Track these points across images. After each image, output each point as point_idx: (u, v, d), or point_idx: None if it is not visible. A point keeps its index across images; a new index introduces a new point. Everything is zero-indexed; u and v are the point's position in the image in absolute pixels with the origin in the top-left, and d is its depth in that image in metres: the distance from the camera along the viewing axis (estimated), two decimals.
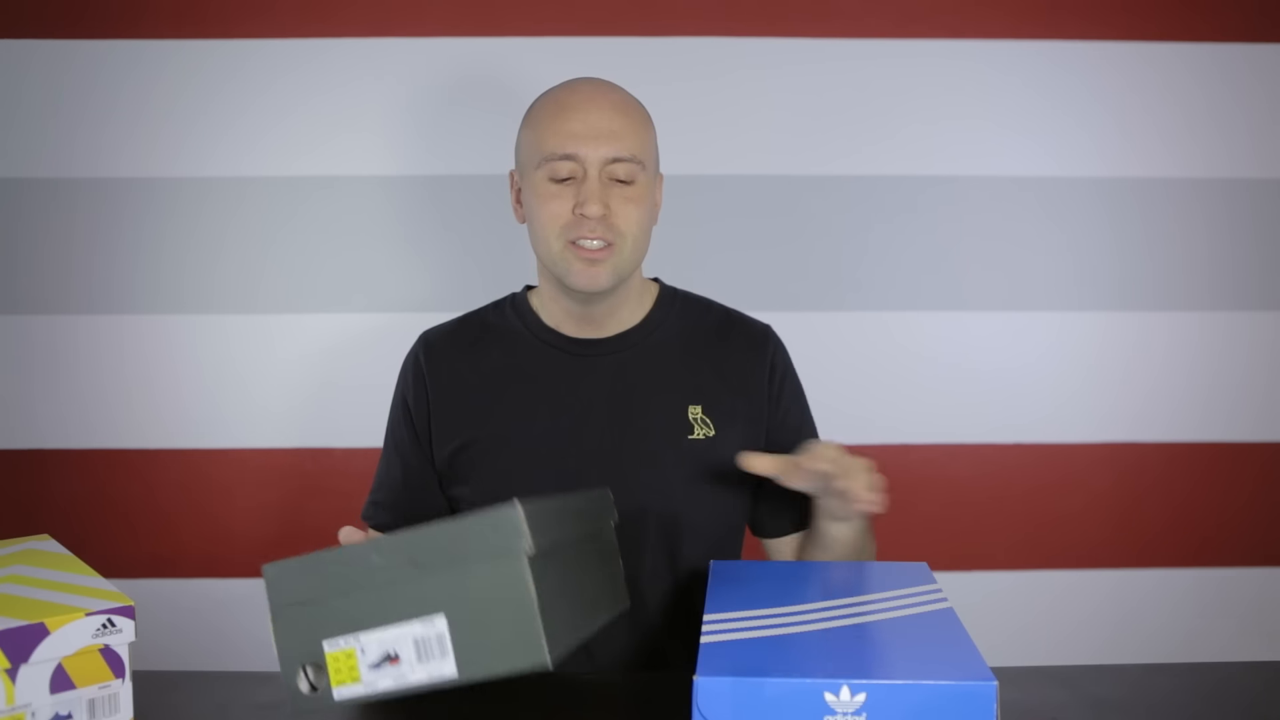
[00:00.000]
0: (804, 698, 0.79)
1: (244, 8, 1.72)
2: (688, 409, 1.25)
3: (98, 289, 1.74)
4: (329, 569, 0.88)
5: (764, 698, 0.80)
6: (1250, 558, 1.81)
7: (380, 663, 0.86)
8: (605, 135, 1.18)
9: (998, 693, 0.80)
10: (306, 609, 0.88)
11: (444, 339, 1.32)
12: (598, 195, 1.17)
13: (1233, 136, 1.77)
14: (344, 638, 0.87)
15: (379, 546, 0.87)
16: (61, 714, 0.86)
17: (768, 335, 1.32)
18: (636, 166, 1.20)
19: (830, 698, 0.79)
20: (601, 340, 1.28)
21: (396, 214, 1.76)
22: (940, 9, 1.76)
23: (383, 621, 0.86)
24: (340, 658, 0.87)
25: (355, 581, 0.87)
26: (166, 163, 1.73)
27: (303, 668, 0.87)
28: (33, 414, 1.74)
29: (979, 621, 1.79)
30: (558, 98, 1.22)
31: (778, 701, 0.79)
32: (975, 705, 0.80)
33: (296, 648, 0.88)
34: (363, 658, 0.86)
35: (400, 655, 0.86)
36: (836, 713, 0.79)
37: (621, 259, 1.20)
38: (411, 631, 0.85)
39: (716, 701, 0.80)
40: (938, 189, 1.77)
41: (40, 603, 0.88)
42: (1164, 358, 1.79)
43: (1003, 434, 1.79)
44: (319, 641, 0.87)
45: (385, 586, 0.86)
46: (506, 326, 1.31)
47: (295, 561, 0.89)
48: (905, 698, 0.79)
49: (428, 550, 0.86)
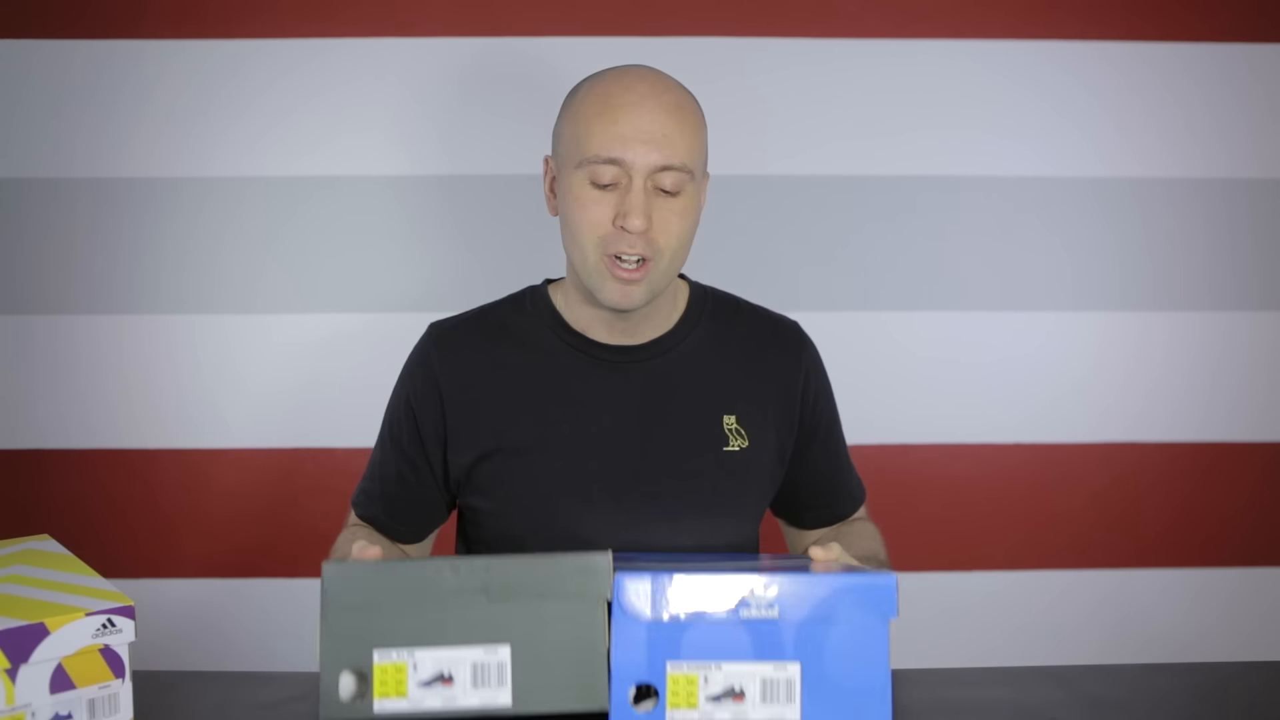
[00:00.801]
0: (721, 590, 0.87)
1: (244, 8, 1.72)
2: (722, 419, 1.22)
3: (98, 289, 1.74)
4: (397, 579, 0.86)
5: (682, 590, 0.87)
6: (1250, 558, 1.81)
7: (432, 681, 0.85)
8: (655, 141, 1.10)
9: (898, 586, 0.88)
10: (362, 615, 0.85)
11: (458, 335, 1.24)
12: (641, 208, 1.10)
13: (1232, 136, 1.77)
14: (398, 650, 0.85)
15: (455, 566, 0.86)
16: (61, 714, 0.86)
17: (800, 337, 1.30)
18: (685, 176, 1.12)
19: (744, 591, 0.87)
20: (634, 348, 1.22)
21: (397, 214, 1.76)
22: (940, 9, 1.76)
23: (443, 642, 0.85)
24: (389, 670, 0.85)
25: (421, 597, 0.85)
26: (167, 163, 1.73)
27: (347, 674, 0.85)
28: (33, 414, 1.74)
29: (979, 621, 1.81)
30: (607, 92, 1.13)
31: (695, 594, 0.87)
32: (878, 595, 0.88)
33: (343, 653, 0.85)
34: (414, 674, 0.85)
35: (455, 677, 0.84)
36: (751, 605, 0.87)
37: (657, 276, 1.14)
38: (472, 656, 0.84)
39: (636, 595, 0.87)
40: (938, 189, 1.77)
41: (40, 603, 0.88)
42: (1164, 358, 1.79)
43: (1002, 434, 1.79)
44: (370, 650, 0.85)
45: (452, 607, 0.85)
46: (528, 326, 1.24)
47: (360, 565, 0.88)
48: (814, 589, 0.88)
49: (508, 579, 0.85)
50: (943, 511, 1.79)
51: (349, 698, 0.84)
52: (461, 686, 0.84)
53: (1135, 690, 1.06)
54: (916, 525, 1.78)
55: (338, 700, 0.84)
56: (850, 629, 0.88)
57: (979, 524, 1.80)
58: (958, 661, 1.19)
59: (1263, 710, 1.02)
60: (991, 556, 1.80)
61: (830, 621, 0.87)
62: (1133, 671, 1.13)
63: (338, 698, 0.84)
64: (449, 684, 0.84)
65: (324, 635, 0.86)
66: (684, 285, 1.29)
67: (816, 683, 0.87)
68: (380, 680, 0.84)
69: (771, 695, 0.87)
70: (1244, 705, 1.03)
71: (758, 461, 1.23)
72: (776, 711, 0.86)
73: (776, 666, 0.87)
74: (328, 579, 0.86)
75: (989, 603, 1.80)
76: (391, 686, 0.84)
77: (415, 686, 0.84)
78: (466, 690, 0.84)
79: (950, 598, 1.79)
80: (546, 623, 0.85)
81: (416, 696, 0.84)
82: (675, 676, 0.86)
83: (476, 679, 0.84)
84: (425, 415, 1.23)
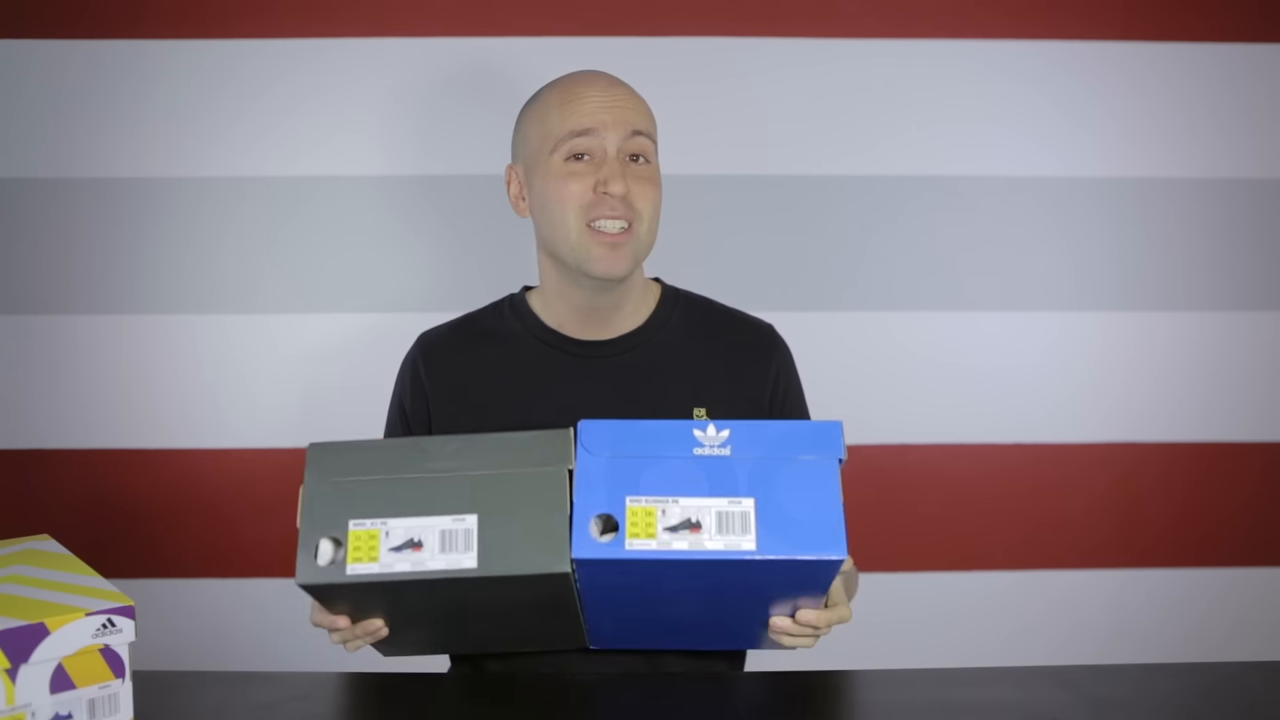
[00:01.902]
0: (675, 432, 0.95)
1: (244, 8, 1.72)
2: (693, 411, 1.24)
3: (98, 289, 1.74)
4: (375, 453, 0.93)
5: (639, 433, 0.95)
6: (1250, 558, 1.81)
7: (402, 547, 0.89)
8: (620, 109, 1.20)
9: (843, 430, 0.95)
10: (341, 488, 0.92)
11: (442, 342, 1.31)
12: (619, 173, 1.18)
13: (1233, 136, 1.77)
14: (372, 520, 0.90)
15: (427, 442, 0.93)
16: (61, 714, 0.86)
17: (772, 336, 1.32)
18: (650, 144, 1.22)
19: (698, 433, 0.94)
20: (605, 342, 1.27)
21: (397, 214, 1.76)
22: (940, 9, 1.76)
23: (414, 512, 0.90)
24: (363, 536, 0.90)
25: (395, 470, 0.91)
26: (166, 163, 1.73)
27: (324, 540, 0.90)
28: (33, 414, 1.74)
29: (979, 621, 1.81)
30: (565, 86, 1.23)
31: (652, 435, 0.94)
32: (825, 435, 0.95)
33: (321, 522, 0.91)
34: (385, 540, 0.89)
35: (424, 543, 0.89)
36: (704, 445, 0.94)
37: (639, 241, 1.20)
38: (440, 524, 0.89)
39: (597, 438, 0.94)
40: (938, 189, 1.77)
41: (40, 603, 0.88)
42: (1164, 358, 1.79)
43: (1002, 434, 1.79)
44: (345, 520, 0.90)
45: (424, 480, 0.91)
46: (506, 329, 1.30)
47: (342, 443, 0.94)
48: (764, 432, 0.95)
49: (476, 454, 0.91)
50: (943, 511, 1.79)
51: (325, 562, 0.90)
52: (430, 551, 0.89)
53: (1136, 690, 1.06)
54: (916, 525, 1.78)
55: (314, 564, 0.90)
56: (801, 466, 0.93)
57: (979, 524, 1.80)
58: (958, 661, 1.19)
59: (1263, 710, 1.02)
60: (991, 557, 1.80)
61: (781, 460, 0.93)
62: (1134, 671, 1.13)
63: (314, 562, 0.90)
64: (418, 549, 0.89)
65: (304, 506, 0.92)
66: (655, 285, 1.33)
67: (771, 516, 0.91)
68: (354, 546, 0.90)
69: (727, 527, 0.91)
70: (1244, 705, 1.03)
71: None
72: (733, 541, 0.90)
73: (731, 501, 0.91)
74: (312, 455, 0.93)
75: (989, 603, 1.80)
76: (364, 552, 0.90)
77: (386, 551, 0.89)
78: (435, 554, 0.89)
79: (950, 598, 1.79)
80: (512, 492, 0.90)
81: (387, 560, 0.89)
82: (634, 509, 0.91)
83: (445, 544, 0.89)
84: (416, 417, 1.28)
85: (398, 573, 0.88)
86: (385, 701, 1.05)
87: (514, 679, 1.15)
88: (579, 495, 0.92)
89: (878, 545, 1.65)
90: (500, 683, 1.15)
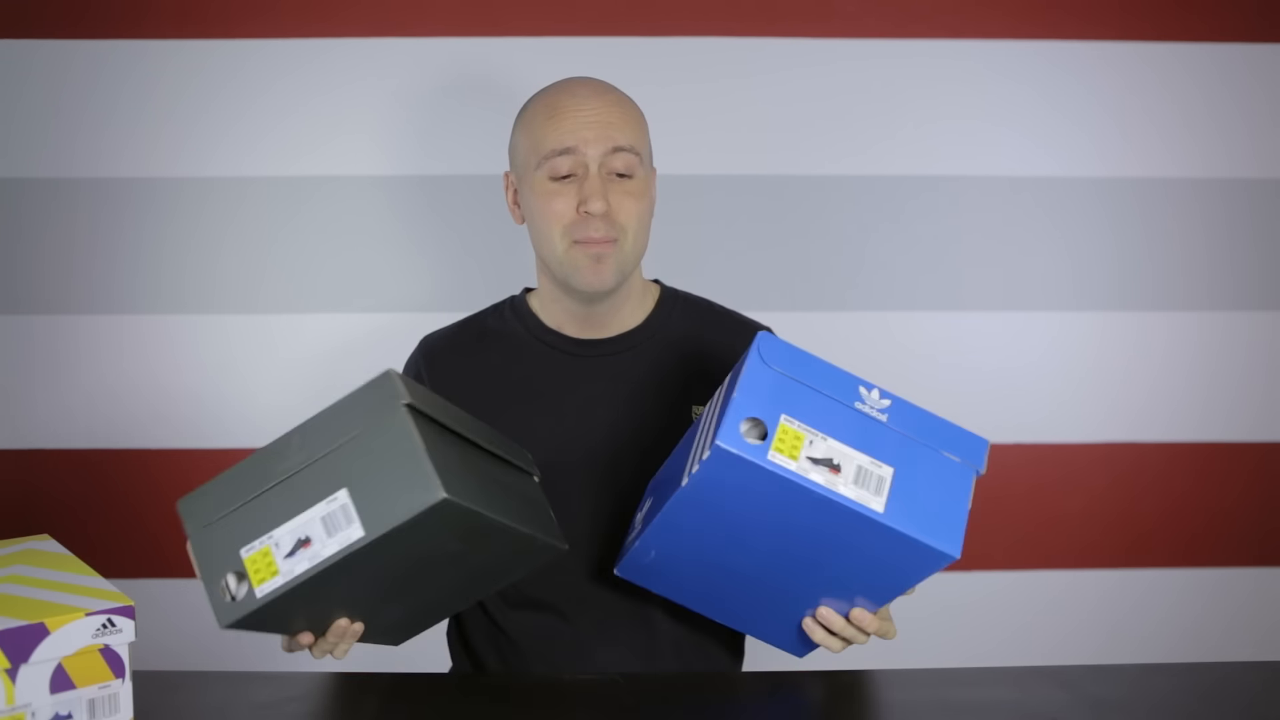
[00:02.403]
0: (844, 382, 0.95)
1: (244, 8, 1.72)
2: (691, 409, 1.25)
3: (98, 289, 1.74)
4: (233, 480, 0.94)
5: (812, 368, 0.95)
6: (1249, 557, 1.81)
7: (294, 550, 0.90)
8: (601, 126, 1.19)
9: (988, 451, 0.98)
10: (219, 526, 0.92)
11: (445, 344, 1.31)
12: (599, 191, 1.18)
13: (1232, 136, 1.77)
14: (259, 540, 0.91)
15: (272, 445, 0.94)
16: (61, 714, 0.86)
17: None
18: (635, 158, 1.20)
19: (864, 391, 0.96)
20: (603, 341, 1.27)
21: (397, 214, 1.76)
22: (940, 9, 1.76)
23: (291, 514, 0.90)
24: (258, 559, 0.91)
25: (258, 483, 0.92)
26: (167, 163, 1.73)
27: (225, 580, 0.91)
28: (33, 414, 1.74)
29: (979, 621, 1.81)
30: (550, 98, 1.23)
31: (823, 375, 0.95)
32: (973, 445, 0.98)
33: (217, 565, 0.92)
34: (277, 551, 0.90)
35: (312, 537, 0.90)
36: (865, 403, 0.95)
37: (624, 255, 1.20)
38: (318, 513, 0.90)
39: (774, 352, 0.95)
40: (937, 189, 1.77)
41: (40, 603, 0.88)
42: (1163, 358, 1.79)
43: (1002, 434, 1.79)
44: (236, 552, 0.91)
45: (287, 483, 0.91)
46: (507, 330, 1.30)
47: (203, 486, 0.94)
48: (921, 420, 0.96)
49: (317, 431, 0.92)
50: None
51: (236, 597, 0.91)
52: (319, 541, 0.89)
53: (1136, 690, 1.07)
54: None
55: (226, 603, 0.91)
56: (944, 462, 0.95)
57: (978, 524, 1.78)
58: (958, 661, 1.19)
59: (1261, 710, 1.02)
60: (991, 556, 1.80)
61: (928, 449, 0.95)
62: (1133, 671, 1.13)
63: (225, 601, 0.91)
64: (308, 545, 0.90)
65: (196, 559, 0.93)
66: (654, 287, 1.34)
67: (904, 491, 0.92)
68: (253, 570, 0.91)
69: (864, 482, 0.92)
70: (1243, 705, 1.03)
71: None
72: (864, 496, 0.91)
73: (874, 462, 0.92)
74: (184, 511, 0.94)
75: (989, 603, 1.80)
76: (264, 571, 0.90)
77: (282, 560, 0.90)
78: (324, 542, 0.89)
79: (950, 598, 1.79)
80: (364, 452, 0.90)
81: (287, 568, 0.90)
82: (785, 428, 0.91)
83: (329, 529, 0.89)
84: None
85: (300, 574, 0.89)
86: (385, 701, 1.05)
87: (514, 679, 1.15)
88: (740, 394, 0.92)
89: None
90: (500, 683, 1.15)
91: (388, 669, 1.10)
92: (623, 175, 1.20)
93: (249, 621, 0.92)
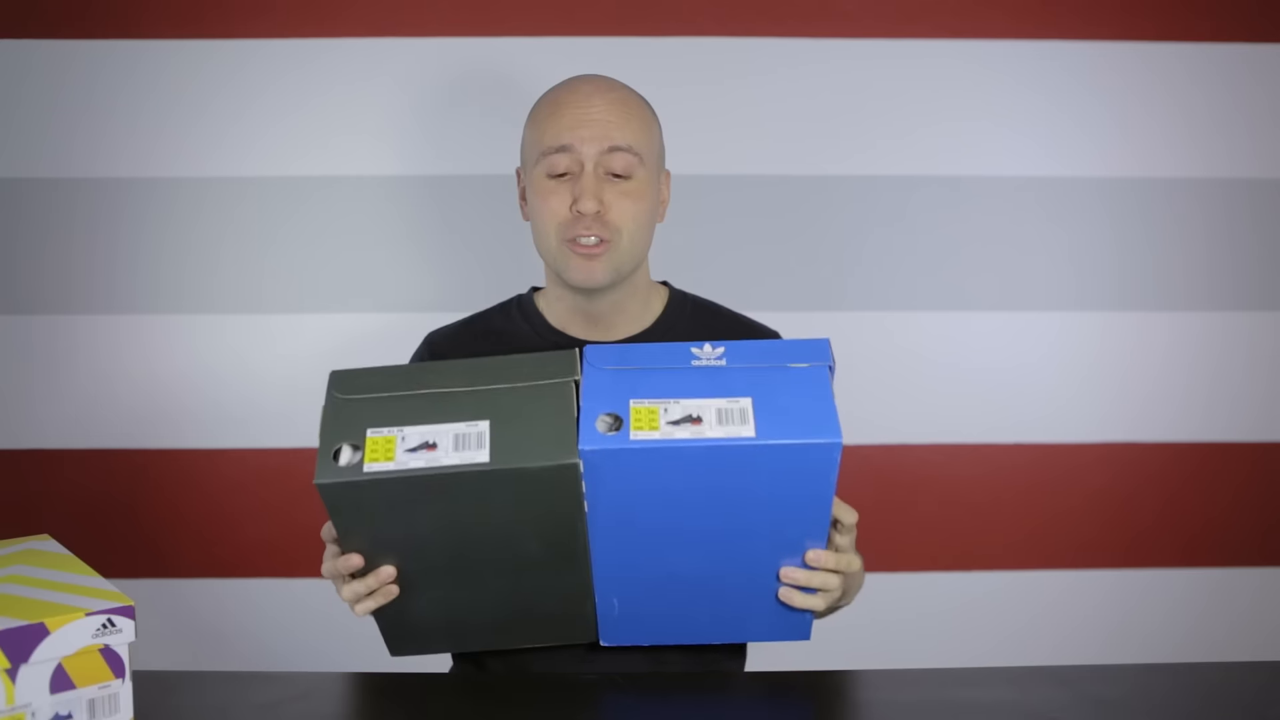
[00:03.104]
0: (674, 351, 1.01)
1: (244, 8, 1.72)
2: None
3: (98, 289, 1.74)
4: (389, 375, 1.00)
5: (642, 353, 1.01)
6: (1250, 557, 1.81)
7: (418, 448, 0.93)
8: (600, 125, 1.18)
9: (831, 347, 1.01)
10: (359, 403, 0.97)
11: (449, 341, 1.31)
12: (592, 191, 1.17)
13: (1233, 136, 1.77)
14: (389, 428, 0.95)
15: (442, 365, 1.02)
16: (61, 714, 0.86)
17: None
18: (633, 159, 1.19)
19: (695, 350, 1.01)
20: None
21: (397, 214, 1.76)
22: (940, 9, 1.76)
23: (429, 420, 0.95)
24: (380, 442, 0.94)
25: (410, 386, 0.98)
26: (167, 163, 1.73)
27: (340, 446, 0.94)
28: (33, 414, 1.74)
29: (979, 621, 1.81)
30: (555, 95, 1.23)
31: (654, 354, 1.01)
32: (814, 350, 1.01)
33: (339, 432, 0.95)
34: (402, 443, 0.94)
35: (438, 444, 0.93)
36: (701, 358, 1.00)
37: (618, 255, 1.19)
38: (454, 429, 0.94)
39: (603, 356, 1.01)
40: (938, 189, 1.77)
41: (40, 603, 0.88)
42: (1164, 358, 1.79)
43: (1002, 434, 1.79)
44: (363, 428, 0.95)
45: (438, 396, 0.97)
46: (513, 329, 1.29)
47: (361, 369, 1.01)
48: (759, 349, 1.01)
49: (484, 368, 0.99)
50: (943, 511, 1.79)
51: (343, 464, 0.93)
52: (444, 450, 0.93)
53: (1136, 690, 1.07)
54: (916, 525, 1.78)
55: (333, 465, 0.93)
56: (794, 373, 0.99)
57: (979, 524, 1.80)
58: (958, 661, 1.19)
59: (1262, 710, 1.02)
60: (991, 556, 1.80)
61: (775, 369, 0.99)
62: (1133, 671, 1.13)
63: (333, 464, 0.93)
64: (433, 449, 0.93)
65: (324, 419, 0.96)
66: (662, 289, 1.32)
67: (768, 410, 0.95)
68: (371, 449, 0.94)
69: (727, 419, 0.95)
70: (1244, 705, 1.03)
71: None
72: (733, 430, 0.94)
73: (730, 400, 0.96)
74: (334, 378, 1.00)
75: (989, 603, 1.80)
76: (381, 453, 0.93)
77: (402, 452, 0.93)
78: (449, 453, 0.93)
79: (951, 598, 1.79)
80: (522, 401, 0.96)
81: (403, 459, 0.93)
82: (638, 409, 0.96)
83: (458, 444, 0.93)
84: None
85: (413, 469, 0.91)
86: (385, 701, 1.05)
87: (514, 679, 1.15)
88: (586, 401, 0.96)
89: (877, 545, 1.64)
90: (500, 683, 1.15)
91: (388, 669, 1.10)
92: (620, 176, 1.19)
93: (340, 492, 0.94)
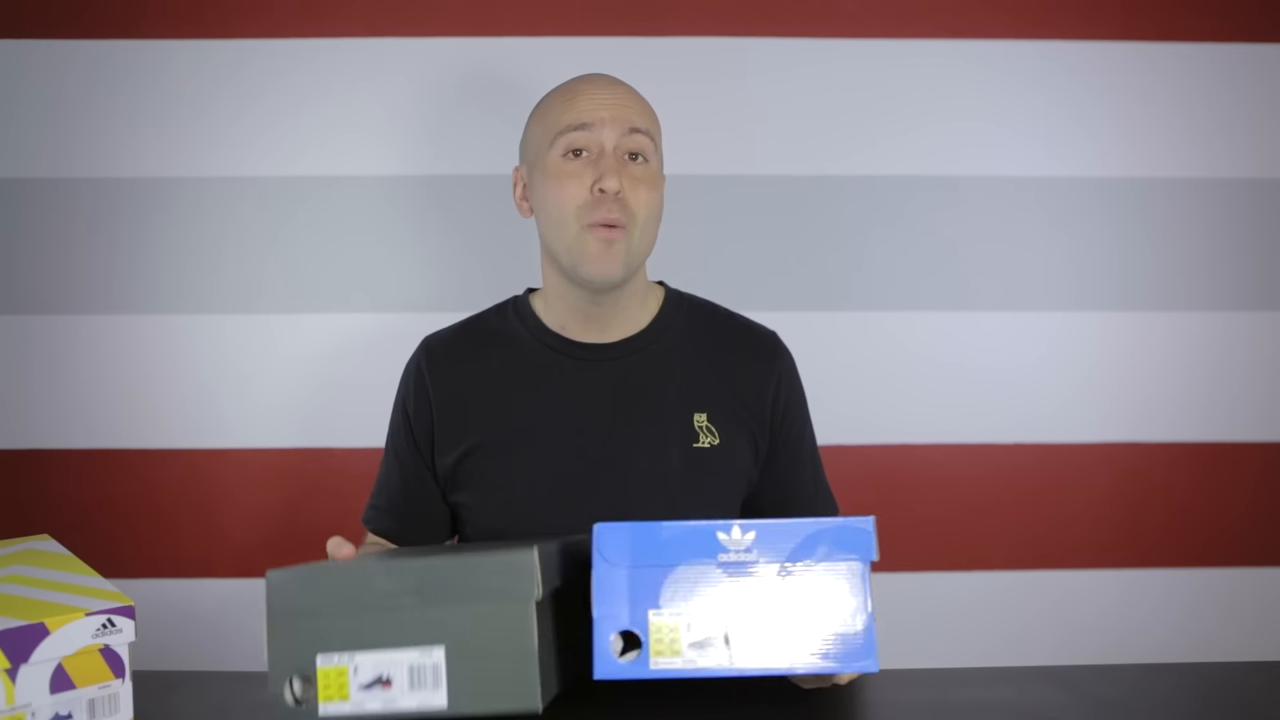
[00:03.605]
0: (698, 537, 0.87)
1: (244, 8, 1.72)
2: (693, 416, 1.24)
3: (98, 289, 1.74)
4: (334, 584, 0.89)
5: (660, 539, 0.87)
6: (1250, 558, 1.81)
7: (371, 684, 0.87)
8: (620, 108, 1.20)
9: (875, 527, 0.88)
10: (305, 620, 0.88)
11: (446, 345, 1.31)
12: (615, 169, 1.17)
13: (1233, 136, 1.77)
14: (339, 655, 0.87)
15: (389, 569, 0.88)
16: (61, 714, 0.86)
17: (775, 345, 1.31)
18: (649, 142, 1.21)
19: (722, 536, 0.87)
20: (608, 345, 1.26)
21: (397, 214, 1.76)
22: (940, 9, 1.76)
23: (380, 644, 0.87)
24: (332, 674, 0.87)
25: (358, 601, 0.88)
26: (167, 163, 1.73)
27: (291, 679, 0.88)
28: (33, 414, 1.74)
29: (979, 621, 1.81)
30: (567, 86, 1.24)
31: (674, 542, 0.87)
32: (857, 536, 0.88)
33: (289, 657, 0.88)
34: (354, 677, 0.87)
35: (393, 680, 0.86)
36: (729, 549, 0.87)
37: (632, 245, 1.19)
38: (408, 658, 0.86)
39: (616, 545, 0.87)
40: (938, 189, 1.77)
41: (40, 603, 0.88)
42: (1164, 358, 1.79)
43: (1003, 434, 1.79)
44: (313, 655, 0.87)
45: (388, 610, 0.87)
46: (509, 331, 1.29)
47: (301, 570, 0.90)
48: (791, 532, 0.87)
49: (437, 580, 0.87)
50: (943, 511, 1.79)
51: (293, 704, 0.87)
52: (400, 688, 0.86)
53: (1136, 690, 1.06)
54: (917, 525, 1.78)
55: (286, 704, 0.87)
56: (828, 569, 0.87)
57: (979, 524, 1.80)
58: (958, 661, 1.20)
59: (1263, 710, 1.02)
60: (992, 557, 1.80)
61: (810, 558, 0.87)
62: (1134, 671, 1.13)
63: (286, 701, 0.87)
64: (388, 686, 0.86)
65: (270, 640, 0.89)
66: (659, 289, 1.33)
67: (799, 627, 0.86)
68: (324, 684, 0.87)
69: (758, 639, 0.86)
70: (1244, 705, 1.03)
71: (728, 459, 1.24)
72: (764, 659, 0.85)
73: (759, 612, 0.86)
74: (271, 585, 0.89)
75: (989, 603, 1.79)
76: (334, 690, 0.87)
77: (356, 689, 0.87)
78: (404, 692, 0.86)
79: (951, 598, 1.79)
80: (478, 623, 0.86)
81: (358, 699, 0.86)
82: (658, 626, 0.86)
83: (413, 681, 0.86)
84: (419, 420, 1.28)
85: (368, 713, 0.86)
86: None
87: None
88: (598, 608, 0.87)
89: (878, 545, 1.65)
90: None
91: None
92: (637, 157, 1.20)
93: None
